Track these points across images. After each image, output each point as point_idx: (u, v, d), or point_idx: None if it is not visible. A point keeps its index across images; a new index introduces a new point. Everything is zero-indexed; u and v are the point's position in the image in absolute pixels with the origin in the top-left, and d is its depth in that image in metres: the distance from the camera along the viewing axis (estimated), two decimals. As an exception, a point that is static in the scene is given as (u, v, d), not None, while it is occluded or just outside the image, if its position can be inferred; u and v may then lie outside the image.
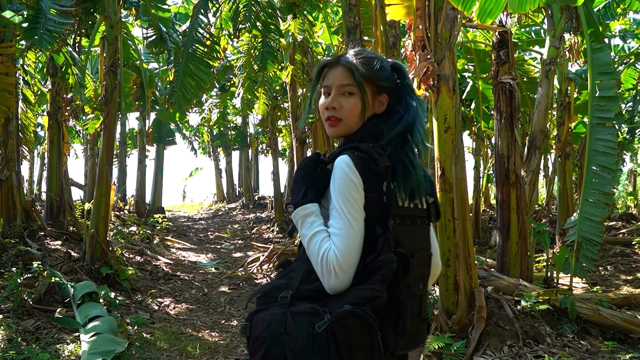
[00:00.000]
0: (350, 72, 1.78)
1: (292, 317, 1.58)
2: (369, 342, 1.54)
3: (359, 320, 1.53)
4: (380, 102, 1.83)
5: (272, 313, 1.61)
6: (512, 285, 5.05)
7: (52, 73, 9.66)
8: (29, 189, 21.30)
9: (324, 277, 1.61)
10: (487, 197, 16.30)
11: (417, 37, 4.61)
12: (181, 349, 5.09)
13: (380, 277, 1.59)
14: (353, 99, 1.78)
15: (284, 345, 1.55)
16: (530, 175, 6.56)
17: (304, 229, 1.68)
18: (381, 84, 1.82)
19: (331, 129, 1.83)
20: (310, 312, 1.57)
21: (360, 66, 1.79)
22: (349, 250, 1.60)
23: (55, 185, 9.83)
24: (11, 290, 5.35)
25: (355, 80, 1.77)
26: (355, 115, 1.78)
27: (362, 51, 1.86)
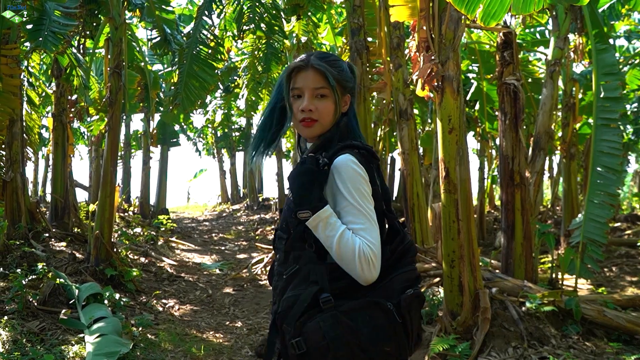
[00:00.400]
0: (324, 76, 1.87)
1: (345, 316, 1.65)
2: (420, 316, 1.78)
3: (420, 299, 1.76)
4: (345, 102, 1.95)
5: (322, 319, 1.66)
6: (516, 286, 5.03)
7: (56, 75, 9.67)
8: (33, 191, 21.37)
9: (363, 270, 1.68)
10: (491, 198, 16.28)
11: (421, 38, 4.60)
12: (186, 350, 5.09)
13: (412, 258, 1.83)
14: (327, 101, 1.88)
15: (349, 344, 1.62)
16: (535, 176, 6.56)
17: (327, 231, 1.73)
18: (347, 85, 1.95)
19: (306, 129, 1.90)
20: (361, 306, 1.68)
21: (331, 69, 1.89)
22: (377, 242, 1.72)
23: (59, 186, 9.84)
24: (16, 292, 5.36)
25: (329, 84, 1.87)
26: (330, 116, 1.89)
27: (327, 54, 1.96)
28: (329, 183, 1.81)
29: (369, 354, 1.65)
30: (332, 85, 1.87)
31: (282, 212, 1.94)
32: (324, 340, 1.63)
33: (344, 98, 1.95)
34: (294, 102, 1.92)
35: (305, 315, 1.68)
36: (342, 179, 1.76)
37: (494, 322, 4.45)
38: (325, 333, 1.63)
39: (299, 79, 1.90)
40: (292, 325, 1.69)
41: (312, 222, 1.75)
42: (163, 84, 15.38)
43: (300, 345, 1.66)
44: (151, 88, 11.25)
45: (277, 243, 1.93)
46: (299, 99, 1.90)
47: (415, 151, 7.12)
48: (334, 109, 1.90)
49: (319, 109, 1.88)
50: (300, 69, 1.90)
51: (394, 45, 7.26)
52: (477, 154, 14.22)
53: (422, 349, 4.68)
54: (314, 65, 1.88)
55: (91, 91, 10.20)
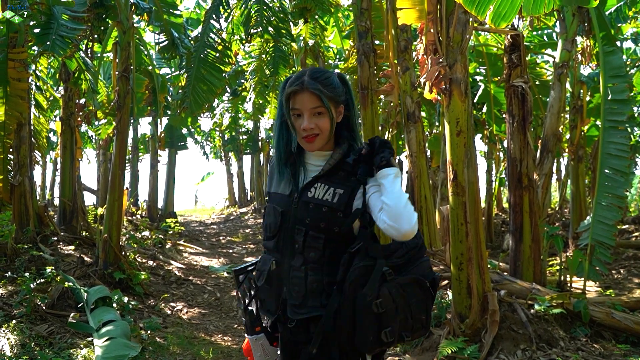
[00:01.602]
0: (318, 96, 2.10)
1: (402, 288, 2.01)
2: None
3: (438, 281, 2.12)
4: (339, 112, 2.19)
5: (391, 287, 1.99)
6: (525, 289, 5.02)
7: (64, 79, 9.72)
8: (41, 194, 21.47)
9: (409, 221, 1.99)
10: (499, 201, 16.23)
11: (429, 40, 4.60)
12: (194, 353, 5.10)
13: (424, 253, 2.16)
14: (323, 117, 2.13)
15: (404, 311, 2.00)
16: (543, 178, 6.54)
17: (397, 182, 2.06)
18: (339, 99, 2.17)
19: (309, 144, 2.16)
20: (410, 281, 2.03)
21: (324, 89, 2.12)
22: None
23: (68, 190, 9.88)
24: (24, 296, 5.38)
25: (323, 103, 2.11)
26: (328, 130, 2.14)
27: (319, 72, 2.17)
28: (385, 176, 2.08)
29: (413, 321, 2.02)
30: (326, 105, 2.11)
31: (309, 214, 2.14)
32: (394, 304, 1.97)
33: (338, 109, 2.18)
34: (295, 121, 2.16)
35: (376, 284, 1.98)
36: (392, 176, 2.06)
37: (502, 325, 4.44)
38: (394, 298, 1.98)
39: (297, 101, 2.13)
40: (374, 289, 1.97)
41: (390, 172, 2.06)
42: (171, 88, 15.42)
43: (382, 305, 1.96)
44: (159, 92, 11.27)
45: (311, 242, 2.13)
46: (299, 118, 2.14)
47: (422, 154, 7.11)
48: (330, 123, 2.14)
49: (318, 125, 2.12)
50: (297, 92, 2.13)
51: (402, 48, 7.26)
52: (485, 156, 14.21)
53: (430, 352, 4.68)
54: (309, 87, 2.10)
55: (99, 95, 10.24)
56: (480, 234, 4.58)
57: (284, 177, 2.25)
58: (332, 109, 2.14)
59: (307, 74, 2.15)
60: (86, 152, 22.97)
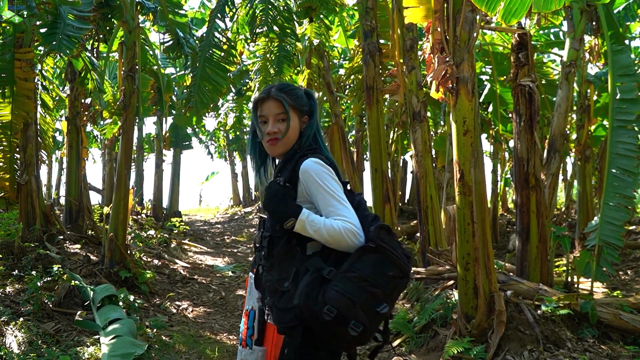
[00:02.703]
0: (281, 103, 2.30)
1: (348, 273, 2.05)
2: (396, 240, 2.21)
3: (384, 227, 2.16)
4: (303, 122, 2.38)
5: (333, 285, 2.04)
6: (532, 289, 4.99)
7: (70, 78, 9.73)
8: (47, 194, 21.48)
9: (352, 241, 2.10)
10: (504, 201, 16.19)
11: (436, 39, 4.59)
12: (200, 352, 5.10)
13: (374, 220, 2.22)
14: (285, 123, 2.31)
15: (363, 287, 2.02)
16: (550, 178, 6.51)
17: (313, 227, 2.13)
18: (303, 109, 2.37)
19: (271, 147, 2.34)
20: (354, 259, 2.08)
21: (287, 97, 2.32)
22: (353, 215, 2.14)
23: (74, 189, 9.90)
24: (31, 294, 5.40)
25: (285, 109, 2.30)
26: (290, 135, 2.32)
27: (286, 85, 2.40)
28: (300, 191, 2.22)
29: (381, 286, 2.05)
30: (287, 110, 2.30)
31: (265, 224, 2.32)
32: (345, 297, 1.99)
33: (303, 119, 2.37)
34: (263, 127, 2.35)
35: (322, 291, 2.04)
36: (311, 177, 2.18)
37: (509, 325, 4.42)
38: (343, 292, 2.00)
39: (264, 108, 2.34)
40: (316, 303, 2.02)
41: (298, 226, 2.13)
42: (175, 88, 15.44)
43: (331, 310, 1.98)
44: (164, 91, 11.29)
45: (262, 241, 2.30)
46: (265, 124, 2.34)
47: (428, 153, 7.09)
48: (293, 129, 2.32)
49: (280, 130, 2.30)
50: (264, 100, 2.34)
51: (407, 47, 7.24)
52: (490, 156, 14.17)
53: (436, 352, 4.66)
54: (273, 95, 2.32)
55: (105, 94, 10.25)
56: (487, 234, 4.56)
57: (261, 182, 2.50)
58: (295, 117, 2.34)
59: (275, 86, 2.38)
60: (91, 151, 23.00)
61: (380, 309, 2.04)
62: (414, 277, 6.34)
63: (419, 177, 7.05)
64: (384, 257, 2.08)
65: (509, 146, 14.04)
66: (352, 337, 2.01)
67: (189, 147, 19.57)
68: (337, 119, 11.56)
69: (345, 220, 2.11)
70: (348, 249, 2.11)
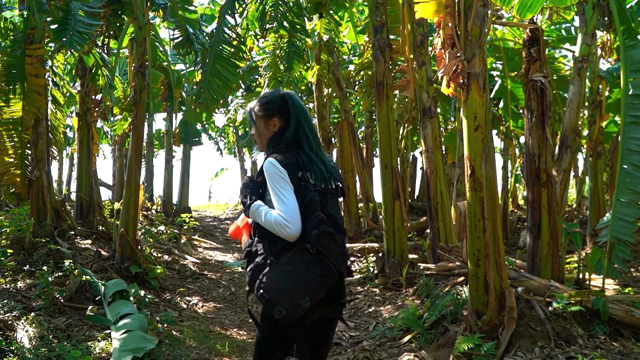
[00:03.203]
0: (249, 114, 2.87)
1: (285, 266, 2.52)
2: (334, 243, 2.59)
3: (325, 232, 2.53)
4: (273, 124, 2.79)
5: (268, 273, 2.52)
6: (543, 286, 4.97)
7: (81, 75, 9.77)
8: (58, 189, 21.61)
9: (283, 231, 2.50)
10: (514, 198, 16.13)
11: (447, 34, 4.56)
12: (210, 347, 5.11)
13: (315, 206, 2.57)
14: (255, 129, 2.85)
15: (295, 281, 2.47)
16: (562, 174, 6.47)
17: (257, 217, 2.62)
18: (269, 112, 2.78)
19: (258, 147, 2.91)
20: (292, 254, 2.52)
21: (255, 108, 2.84)
22: (288, 210, 2.50)
23: (84, 185, 9.95)
24: (43, 289, 5.42)
25: (251, 119, 2.86)
26: (260, 138, 2.85)
27: (262, 96, 2.86)
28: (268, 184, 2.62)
29: (309, 283, 2.47)
30: (251, 119, 2.86)
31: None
32: (275, 285, 2.47)
33: (271, 122, 2.79)
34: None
35: (262, 276, 2.53)
36: (266, 175, 2.62)
37: (520, 322, 4.40)
38: (275, 281, 2.48)
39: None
40: (255, 286, 2.55)
41: (250, 215, 2.67)
42: (185, 84, 15.46)
43: (264, 295, 2.48)
44: (174, 87, 11.30)
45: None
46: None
47: (438, 149, 7.06)
48: (261, 133, 2.83)
49: (254, 135, 2.88)
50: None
51: (418, 43, 7.21)
52: (501, 152, 14.11)
53: (446, 348, 4.65)
54: (247, 110, 2.90)
55: (116, 91, 10.29)
56: (498, 230, 4.53)
57: None
58: (261, 122, 2.81)
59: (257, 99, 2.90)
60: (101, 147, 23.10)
61: (303, 302, 2.46)
62: (425, 273, 6.33)
63: (429, 173, 7.03)
64: (318, 259, 2.48)
65: (520, 142, 13.98)
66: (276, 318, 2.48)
67: (198, 143, 19.61)
68: (347, 115, 11.54)
69: (279, 214, 2.50)
70: (282, 237, 2.53)
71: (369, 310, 6.55)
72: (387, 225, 7.47)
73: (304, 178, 2.61)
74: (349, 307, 6.83)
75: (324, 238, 2.49)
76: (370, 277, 7.76)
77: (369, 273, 7.98)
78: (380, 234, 9.99)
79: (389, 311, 6.33)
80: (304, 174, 2.63)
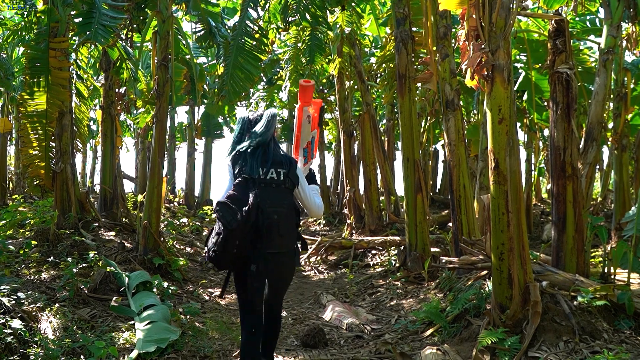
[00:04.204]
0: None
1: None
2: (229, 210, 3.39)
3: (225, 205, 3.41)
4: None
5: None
6: (568, 280, 4.91)
7: (105, 68, 9.86)
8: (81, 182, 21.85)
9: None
10: (538, 191, 15.97)
11: (471, 26, 4.52)
12: (232, 338, 5.14)
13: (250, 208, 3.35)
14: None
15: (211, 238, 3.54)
16: (587, 167, 6.38)
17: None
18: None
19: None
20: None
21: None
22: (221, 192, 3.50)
23: (108, 177, 10.05)
24: (67, 280, 5.49)
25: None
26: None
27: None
28: None
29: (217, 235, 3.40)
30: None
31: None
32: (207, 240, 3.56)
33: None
34: None
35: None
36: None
37: (544, 316, 4.36)
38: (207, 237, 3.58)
39: None
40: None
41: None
42: (207, 77, 15.52)
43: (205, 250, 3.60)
44: (197, 80, 11.35)
45: None
46: None
47: (462, 142, 7.01)
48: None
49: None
50: None
51: (441, 35, 7.15)
52: (524, 145, 13.98)
53: (469, 342, 4.63)
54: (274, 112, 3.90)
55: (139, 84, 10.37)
56: (522, 224, 4.49)
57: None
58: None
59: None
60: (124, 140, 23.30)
61: (226, 241, 3.32)
62: (447, 266, 6.30)
63: (451, 166, 6.98)
64: (219, 212, 3.31)
65: (543, 135, 13.83)
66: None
67: (220, 136, 19.70)
68: (368, 107, 11.51)
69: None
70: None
71: (391, 303, 6.54)
72: (409, 218, 7.44)
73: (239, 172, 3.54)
74: (370, 300, 6.83)
75: (219, 205, 3.34)
76: (392, 270, 7.75)
77: (390, 266, 7.97)
78: (401, 227, 9.96)
79: (411, 304, 6.31)
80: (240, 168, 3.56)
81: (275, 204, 3.47)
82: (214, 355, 4.61)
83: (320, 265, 9.39)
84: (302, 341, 5.09)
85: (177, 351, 4.52)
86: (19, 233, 8.20)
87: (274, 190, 3.52)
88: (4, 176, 14.79)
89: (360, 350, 4.94)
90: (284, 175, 3.57)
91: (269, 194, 3.47)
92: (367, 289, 7.38)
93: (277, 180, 3.55)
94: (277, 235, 3.44)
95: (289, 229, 3.54)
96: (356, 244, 9.45)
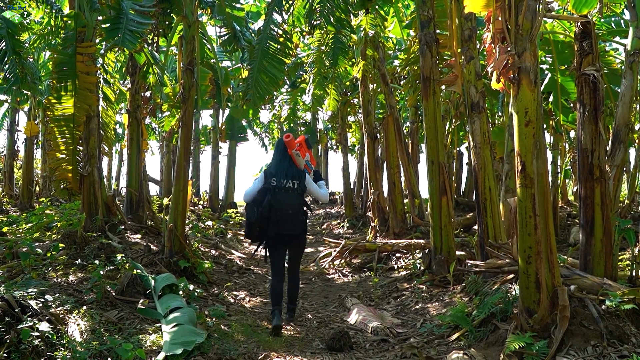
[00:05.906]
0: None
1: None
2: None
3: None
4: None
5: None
6: (596, 284, 4.85)
7: (131, 72, 9.98)
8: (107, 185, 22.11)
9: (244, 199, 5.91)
10: (564, 194, 15.79)
11: (497, 29, 4.50)
12: (258, 341, 5.16)
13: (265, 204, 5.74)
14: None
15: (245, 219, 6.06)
16: (615, 170, 6.30)
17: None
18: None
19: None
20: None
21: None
22: (248, 191, 5.86)
23: (134, 180, 10.16)
24: (95, 282, 5.55)
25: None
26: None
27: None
28: None
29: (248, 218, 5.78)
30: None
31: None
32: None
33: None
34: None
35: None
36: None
37: (572, 321, 4.31)
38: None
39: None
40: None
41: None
42: (232, 81, 15.62)
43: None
44: (222, 84, 11.43)
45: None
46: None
47: (487, 145, 6.96)
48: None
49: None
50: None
51: (466, 37, 7.11)
52: (550, 147, 13.83)
53: (496, 346, 4.59)
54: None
55: (165, 88, 10.48)
56: (550, 227, 4.45)
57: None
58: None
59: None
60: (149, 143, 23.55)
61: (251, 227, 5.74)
62: (473, 270, 6.26)
63: (477, 169, 6.94)
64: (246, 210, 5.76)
65: (570, 137, 13.67)
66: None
67: (244, 139, 19.81)
68: (392, 110, 11.49)
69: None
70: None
71: (416, 307, 6.51)
72: (434, 221, 7.41)
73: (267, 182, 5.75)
74: (395, 304, 6.81)
75: (246, 207, 5.85)
76: (417, 274, 7.72)
77: (415, 269, 7.93)
78: (426, 230, 9.92)
79: (437, 308, 6.28)
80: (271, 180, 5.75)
81: (292, 203, 5.69)
82: (239, 358, 4.63)
83: (344, 268, 9.39)
84: (328, 344, 5.09)
85: (203, 354, 4.54)
86: (45, 236, 8.33)
87: (290, 194, 5.71)
88: (31, 179, 15.04)
89: (386, 354, 4.93)
90: (297, 184, 5.72)
91: (287, 197, 5.68)
92: (392, 292, 7.36)
93: (293, 188, 5.71)
94: (291, 222, 5.69)
95: (299, 218, 5.78)
96: (380, 247, 9.43)
